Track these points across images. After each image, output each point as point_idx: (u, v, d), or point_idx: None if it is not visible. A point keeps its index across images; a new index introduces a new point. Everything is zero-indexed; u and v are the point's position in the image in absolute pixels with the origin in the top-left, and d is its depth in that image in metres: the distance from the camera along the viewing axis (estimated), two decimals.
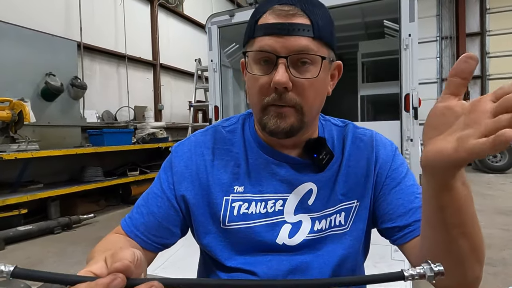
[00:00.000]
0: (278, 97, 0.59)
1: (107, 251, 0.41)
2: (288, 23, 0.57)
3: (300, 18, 0.58)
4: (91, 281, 0.36)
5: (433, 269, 0.37)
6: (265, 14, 0.60)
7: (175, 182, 0.68)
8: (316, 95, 0.62)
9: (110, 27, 6.00)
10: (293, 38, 0.57)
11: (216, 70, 3.68)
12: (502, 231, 3.28)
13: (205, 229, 0.68)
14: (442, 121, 0.42)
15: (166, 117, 7.31)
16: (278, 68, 0.58)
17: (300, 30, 0.57)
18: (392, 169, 0.68)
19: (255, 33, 0.61)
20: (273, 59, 0.59)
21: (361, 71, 4.48)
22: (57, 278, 0.37)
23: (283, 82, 0.57)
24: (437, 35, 9.63)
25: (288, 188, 0.67)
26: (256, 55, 0.61)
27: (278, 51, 0.58)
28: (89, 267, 0.39)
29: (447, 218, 0.47)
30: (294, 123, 0.61)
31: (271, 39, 0.58)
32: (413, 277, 0.37)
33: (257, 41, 0.60)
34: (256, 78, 0.61)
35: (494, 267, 2.44)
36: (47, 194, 3.75)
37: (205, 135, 0.72)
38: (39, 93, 4.18)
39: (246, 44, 0.64)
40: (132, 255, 0.40)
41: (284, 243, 0.65)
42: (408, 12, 2.87)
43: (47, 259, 2.91)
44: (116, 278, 0.36)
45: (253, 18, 0.62)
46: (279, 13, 0.58)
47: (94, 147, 4.42)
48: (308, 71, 0.59)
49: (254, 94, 0.62)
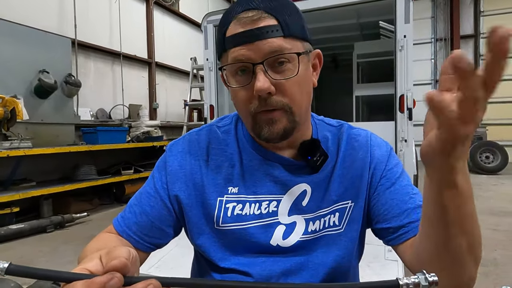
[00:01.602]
0: (263, 103, 0.59)
1: (100, 250, 0.41)
2: (256, 29, 0.57)
3: (266, 20, 0.57)
4: (87, 279, 0.35)
5: (428, 278, 0.38)
6: (231, 25, 0.59)
7: (169, 182, 0.68)
8: (302, 91, 0.62)
9: (105, 25, 5.95)
10: (264, 41, 0.57)
11: (212, 69, 3.67)
12: (493, 231, 3.32)
13: (198, 229, 0.67)
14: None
15: (161, 116, 7.28)
16: (257, 75, 0.57)
17: (269, 33, 0.57)
18: (387, 170, 0.68)
19: (226, 46, 0.60)
20: (249, 67, 0.58)
21: (356, 72, 4.49)
22: (53, 275, 0.36)
23: (266, 88, 0.57)
24: (432, 37, 9.71)
25: (282, 189, 0.67)
26: (232, 68, 0.60)
27: (253, 58, 0.57)
28: (84, 264, 0.39)
29: (447, 215, 0.47)
30: (287, 125, 0.61)
31: (243, 48, 0.57)
32: (408, 285, 0.38)
33: (229, 54, 0.59)
34: (237, 91, 0.61)
35: (485, 267, 2.47)
36: (40, 192, 3.71)
37: (200, 134, 0.72)
38: (32, 90, 4.14)
39: (220, 58, 0.64)
40: (128, 252, 0.39)
41: (278, 244, 0.65)
42: (403, 14, 2.88)
43: (39, 258, 2.88)
44: (113, 277, 0.35)
45: (221, 31, 0.61)
46: (244, 20, 0.57)
47: (87, 145, 4.38)
48: (286, 69, 0.59)
49: (240, 105, 0.62)
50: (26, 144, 3.66)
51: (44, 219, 3.64)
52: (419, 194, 0.66)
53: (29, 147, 3.66)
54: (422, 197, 0.51)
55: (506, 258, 2.67)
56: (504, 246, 2.93)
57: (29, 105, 3.91)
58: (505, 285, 0.47)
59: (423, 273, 0.38)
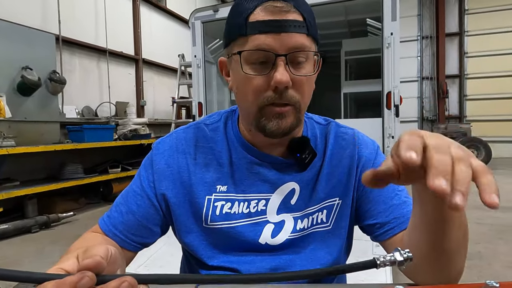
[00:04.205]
0: (278, 96, 0.58)
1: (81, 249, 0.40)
2: (284, 20, 0.56)
3: (294, 15, 0.57)
4: (59, 279, 0.34)
5: (403, 254, 0.40)
6: (256, 11, 0.57)
7: (156, 180, 0.67)
8: (310, 91, 0.63)
9: (90, 20, 5.83)
10: (290, 35, 0.56)
11: (200, 66, 3.64)
12: (477, 225, 3.40)
13: (187, 228, 0.67)
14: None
15: (148, 113, 7.20)
16: (277, 67, 0.56)
17: (296, 27, 0.56)
18: (375, 167, 0.69)
19: (247, 31, 0.57)
20: (271, 57, 0.57)
21: (344, 69, 4.53)
22: (23, 276, 0.34)
23: (285, 81, 0.56)
24: (418, 34, 9.83)
25: (271, 188, 0.67)
26: (252, 55, 0.57)
27: (276, 49, 0.56)
28: (60, 264, 0.38)
29: (430, 212, 0.47)
30: (293, 121, 0.61)
31: (268, 37, 0.56)
32: (385, 263, 0.40)
33: (251, 40, 0.57)
34: (251, 78, 0.58)
35: (469, 261, 2.52)
36: (24, 192, 3.63)
37: (187, 132, 0.71)
38: (15, 87, 4.03)
39: (233, 42, 0.60)
40: (106, 250, 0.38)
41: (267, 243, 0.65)
42: (390, 11, 2.91)
43: (24, 259, 2.82)
44: (84, 276, 0.34)
45: (241, 15, 0.58)
46: (273, 9, 0.56)
47: (73, 143, 4.30)
48: (303, 67, 0.59)
49: (248, 94, 0.60)
50: (9, 142, 3.57)
51: (29, 219, 3.56)
52: (405, 190, 0.67)
53: (12, 146, 3.57)
54: (413, 197, 0.50)
55: (490, 251, 2.74)
56: (487, 240, 3.00)
57: (12, 103, 3.81)
58: (489, 280, 0.48)
59: (398, 250, 0.40)
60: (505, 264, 2.51)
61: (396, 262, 0.40)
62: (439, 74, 9.65)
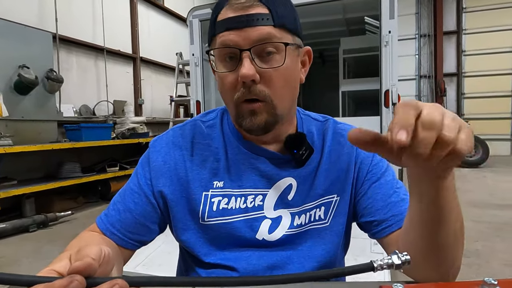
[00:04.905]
0: (247, 91, 0.58)
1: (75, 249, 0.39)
2: (246, 15, 0.57)
3: (258, 8, 0.58)
4: (48, 282, 0.33)
5: (400, 258, 0.39)
6: (223, 10, 0.59)
7: (153, 177, 0.66)
8: (285, 84, 0.61)
9: (87, 19, 5.80)
10: (253, 29, 0.57)
11: (198, 64, 3.63)
12: (474, 223, 3.41)
13: (183, 225, 0.67)
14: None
15: (146, 112, 7.18)
16: (243, 61, 0.57)
17: (259, 20, 0.57)
18: (373, 164, 0.69)
19: (216, 30, 0.60)
20: (237, 53, 0.58)
21: (343, 67, 4.52)
22: (12, 279, 0.34)
23: (250, 75, 0.56)
24: (416, 33, 9.84)
25: (267, 183, 0.67)
26: (220, 52, 0.60)
27: (240, 44, 0.57)
28: (52, 265, 0.37)
29: (426, 204, 0.47)
30: (268, 118, 0.60)
31: (232, 33, 0.57)
32: (382, 267, 0.39)
33: (218, 38, 0.59)
34: (224, 76, 0.60)
35: (468, 258, 2.53)
36: (22, 191, 3.62)
37: (184, 129, 0.71)
38: (12, 86, 4.01)
39: (210, 43, 0.63)
40: (98, 251, 0.38)
41: (264, 239, 0.65)
42: (388, 9, 2.91)
43: (22, 259, 2.81)
44: (73, 280, 0.33)
45: (213, 16, 0.61)
46: (236, 6, 0.58)
47: (71, 142, 4.28)
48: (273, 60, 0.59)
49: (225, 93, 0.62)
50: (6, 141, 3.55)
51: (26, 218, 3.55)
52: (403, 188, 0.67)
53: (10, 145, 3.55)
54: (411, 191, 0.50)
55: (488, 249, 2.75)
56: (485, 238, 3.01)
57: (9, 102, 3.79)
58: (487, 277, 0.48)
59: (396, 253, 0.40)
60: (503, 261, 2.53)
61: (393, 265, 0.39)
62: (437, 72, 9.66)
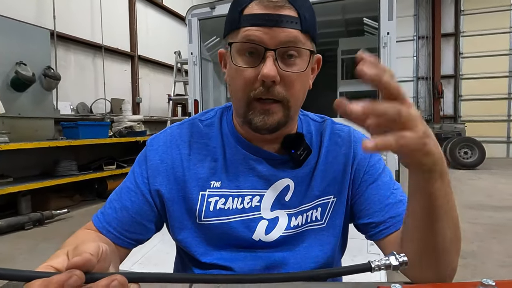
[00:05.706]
0: (265, 91, 0.57)
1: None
2: (277, 14, 0.56)
3: (288, 10, 0.57)
4: (47, 277, 0.33)
5: (398, 259, 0.39)
6: (251, 4, 0.58)
7: (150, 176, 0.66)
8: (301, 89, 0.61)
9: (85, 16, 5.77)
10: (282, 30, 0.56)
11: (196, 63, 3.62)
12: (470, 224, 3.42)
13: (180, 224, 0.66)
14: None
15: (144, 110, 7.15)
16: (266, 60, 0.56)
17: (288, 22, 0.56)
18: (370, 165, 0.69)
19: (240, 24, 0.58)
20: (260, 51, 0.57)
21: (341, 68, 4.53)
22: (10, 274, 0.33)
23: (272, 76, 0.56)
24: (414, 34, 9.87)
25: (265, 184, 0.66)
26: (241, 46, 0.58)
27: (266, 43, 0.56)
28: (49, 261, 0.37)
29: (436, 205, 0.47)
30: (281, 119, 0.60)
31: (259, 30, 0.56)
32: (380, 267, 0.39)
33: (242, 32, 0.58)
34: (241, 70, 0.59)
35: (464, 259, 2.54)
36: (17, 188, 3.59)
37: (182, 128, 0.70)
38: (8, 83, 3.98)
39: (228, 34, 0.61)
40: (96, 248, 0.37)
41: (260, 240, 0.65)
42: (387, 11, 2.91)
43: (17, 256, 2.80)
44: (72, 275, 0.33)
45: (237, 8, 0.59)
46: (267, 4, 0.56)
47: (68, 140, 4.26)
48: (295, 64, 0.58)
49: (238, 87, 0.60)
50: (2, 138, 3.53)
51: (22, 216, 3.54)
52: (400, 189, 0.67)
53: (6, 142, 3.53)
54: (408, 192, 0.51)
55: (484, 250, 2.77)
56: (481, 239, 3.02)
57: (6, 98, 3.76)
58: (485, 279, 0.48)
59: (393, 254, 0.40)
60: (499, 263, 2.54)
61: (391, 266, 0.39)
62: (434, 74, 9.70)
